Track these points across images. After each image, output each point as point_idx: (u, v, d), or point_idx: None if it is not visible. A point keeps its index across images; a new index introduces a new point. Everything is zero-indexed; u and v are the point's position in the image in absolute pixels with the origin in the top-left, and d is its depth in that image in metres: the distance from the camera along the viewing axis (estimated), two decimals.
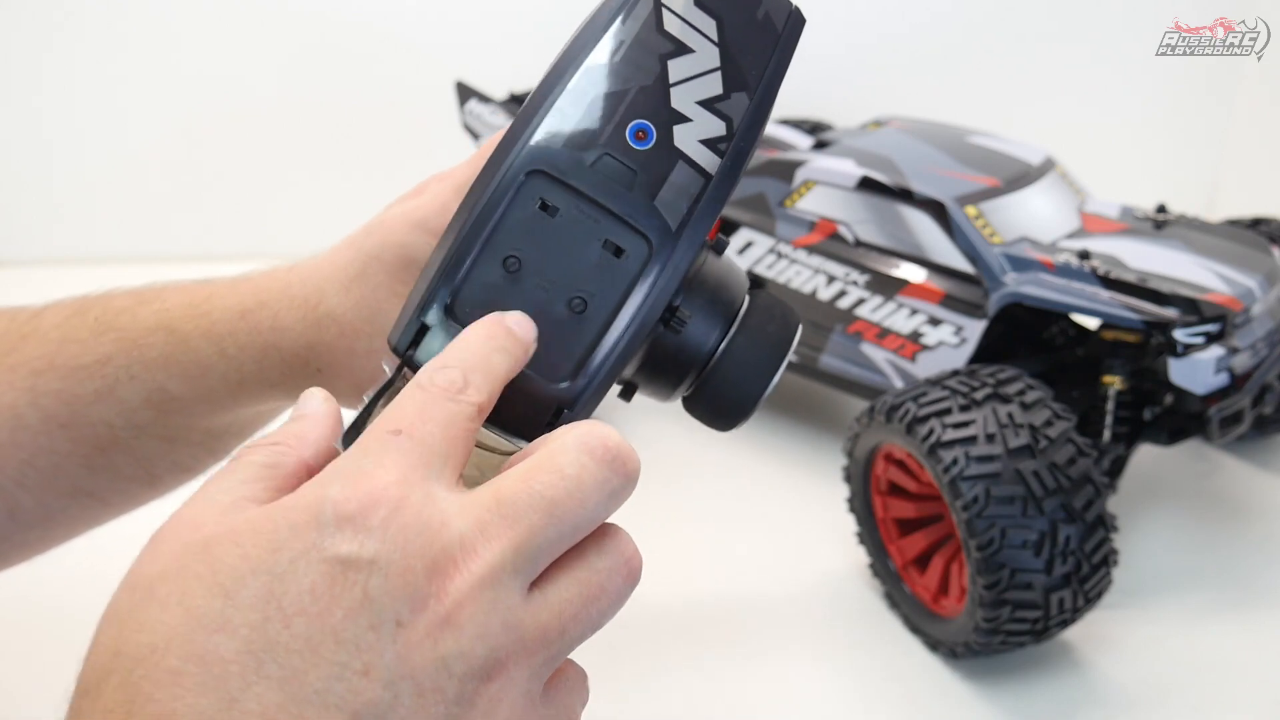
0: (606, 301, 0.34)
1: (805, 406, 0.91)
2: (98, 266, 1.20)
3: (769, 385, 0.38)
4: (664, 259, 0.35)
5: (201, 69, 1.17)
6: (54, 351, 0.45)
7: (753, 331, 0.38)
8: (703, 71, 0.36)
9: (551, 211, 0.34)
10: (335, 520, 0.25)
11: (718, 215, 0.36)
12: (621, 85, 0.35)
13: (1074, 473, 0.57)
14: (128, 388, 0.44)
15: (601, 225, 0.35)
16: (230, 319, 0.45)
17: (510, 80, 0.99)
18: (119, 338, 0.45)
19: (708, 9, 0.36)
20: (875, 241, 0.77)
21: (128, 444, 0.45)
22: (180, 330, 0.45)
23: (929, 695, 0.61)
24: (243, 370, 0.44)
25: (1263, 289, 0.70)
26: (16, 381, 0.45)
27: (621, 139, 0.35)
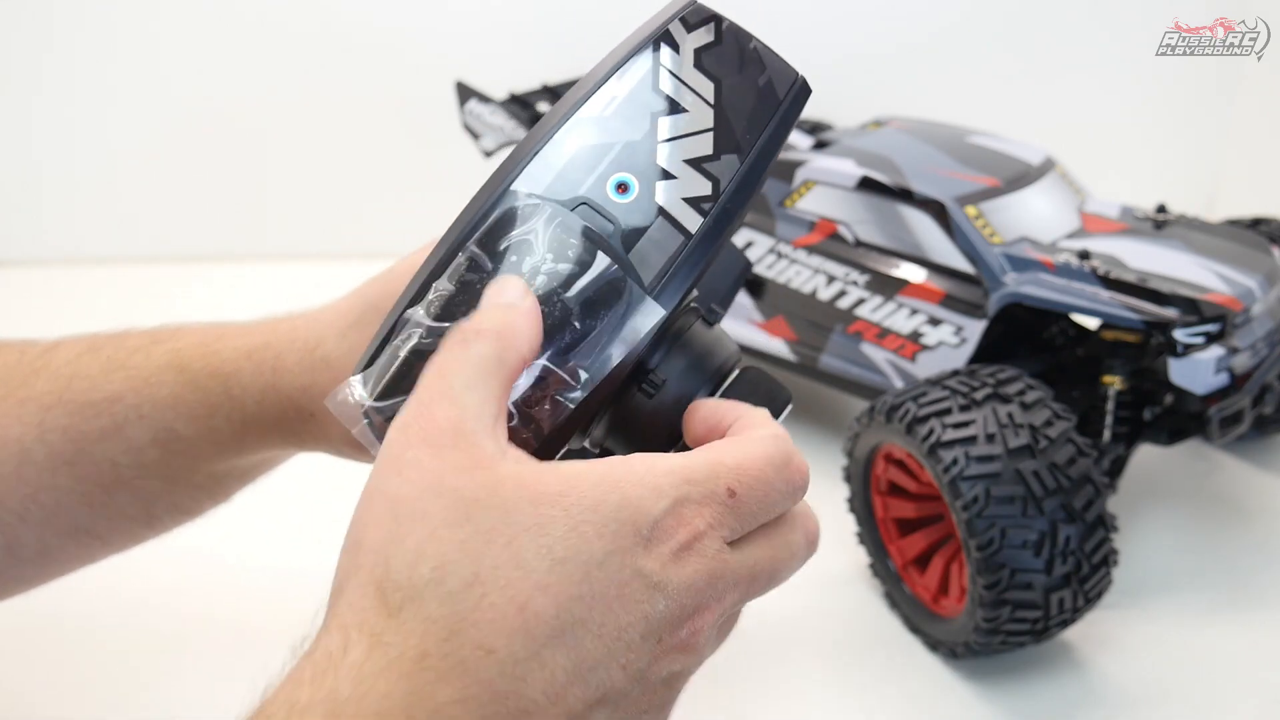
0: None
1: (805, 406, 0.91)
2: (97, 266, 1.20)
3: None
4: (631, 314, 0.34)
5: (201, 69, 1.17)
6: (64, 387, 0.45)
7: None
8: (694, 131, 0.36)
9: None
10: (654, 538, 0.30)
11: (697, 275, 0.36)
12: (609, 138, 0.35)
13: (1074, 473, 0.57)
14: (136, 427, 0.45)
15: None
16: (238, 358, 0.45)
17: (510, 80, 1.00)
18: (130, 376, 0.45)
19: (706, 71, 0.36)
20: (875, 241, 0.77)
21: (131, 483, 0.46)
22: (190, 369, 0.45)
23: (929, 695, 0.61)
24: (245, 410, 0.45)
25: (1263, 289, 0.69)
26: (25, 416, 0.45)
27: (602, 190, 0.35)
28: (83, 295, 1.14)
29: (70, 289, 1.16)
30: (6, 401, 0.45)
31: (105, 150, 1.19)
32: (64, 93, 1.17)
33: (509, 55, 1.16)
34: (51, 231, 1.22)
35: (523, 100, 0.97)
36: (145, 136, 1.19)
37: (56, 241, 1.22)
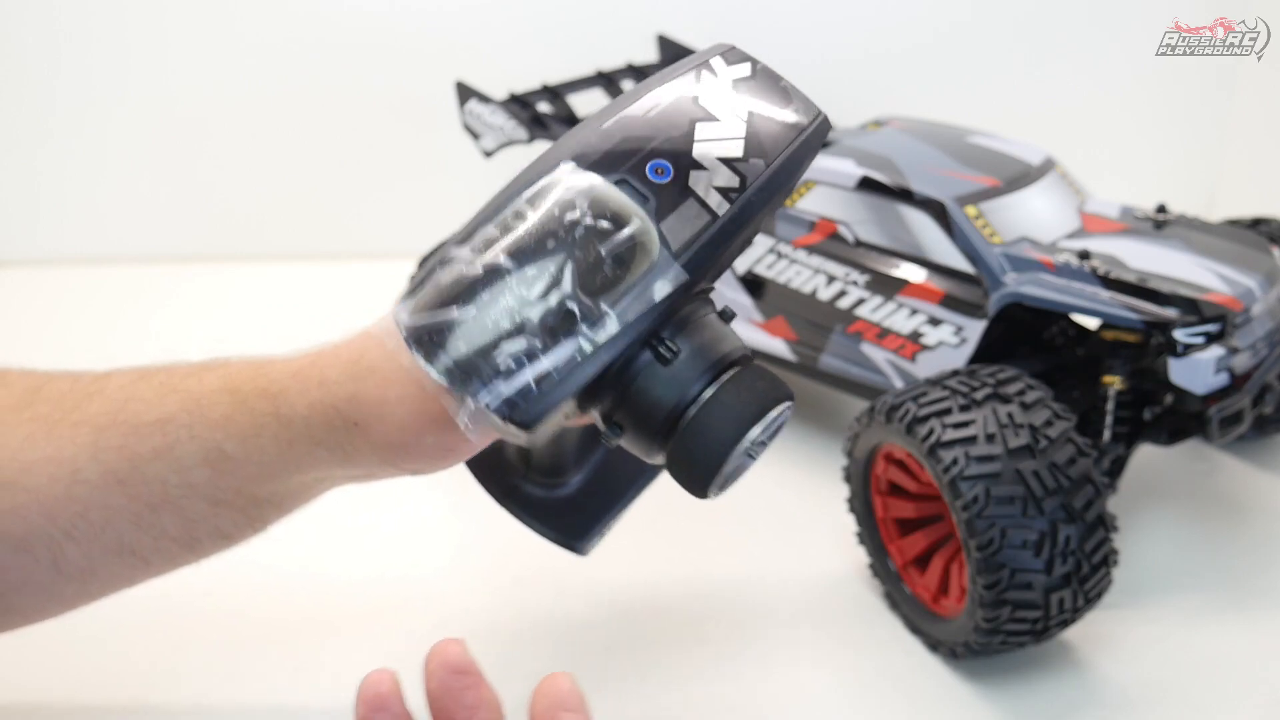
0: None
1: (805, 406, 0.91)
2: (98, 266, 1.20)
3: (744, 436, 0.39)
4: (657, 275, 0.38)
5: (201, 69, 1.17)
6: (119, 409, 0.47)
7: (738, 389, 0.39)
8: (727, 137, 0.41)
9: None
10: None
11: (719, 256, 0.39)
12: (651, 133, 0.40)
13: (1074, 473, 0.57)
14: (187, 446, 0.46)
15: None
16: (284, 378, 0.47)
17: (510, 80, 0.99)
18: (183, 398, 0.47)
19: (741, 95, 0.42)
20: (875, 241, 0.77)
21: (177, 503, 0.47)
22: (241, 391, 0.47)
23: (929, 695, 0.61)
24: (293, 428, 0.46)
25: (1263, 289, 0.70)
26: (79, 437, 0.46)
27: (641, 171, 0.39)
28: (83, 295, 1.15)
29: (70, 289, 1.16)
30: (61, 424, 0.47)
31: (105, 150, 1.19)
32: (63, 93, 1.17)
33: (509, 55, 1.16)
34: (51, 231, 1.22)
35: (523, 100, 0.97)
36: (145, 137, 1.19)
37: (56, 241, 1.22)
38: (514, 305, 0.38)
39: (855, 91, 1.19)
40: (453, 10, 1.16)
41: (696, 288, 0.40)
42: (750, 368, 0.40)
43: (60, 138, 1.19)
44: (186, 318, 1.08)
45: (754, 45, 1.33)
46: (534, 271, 0.38)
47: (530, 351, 0.38)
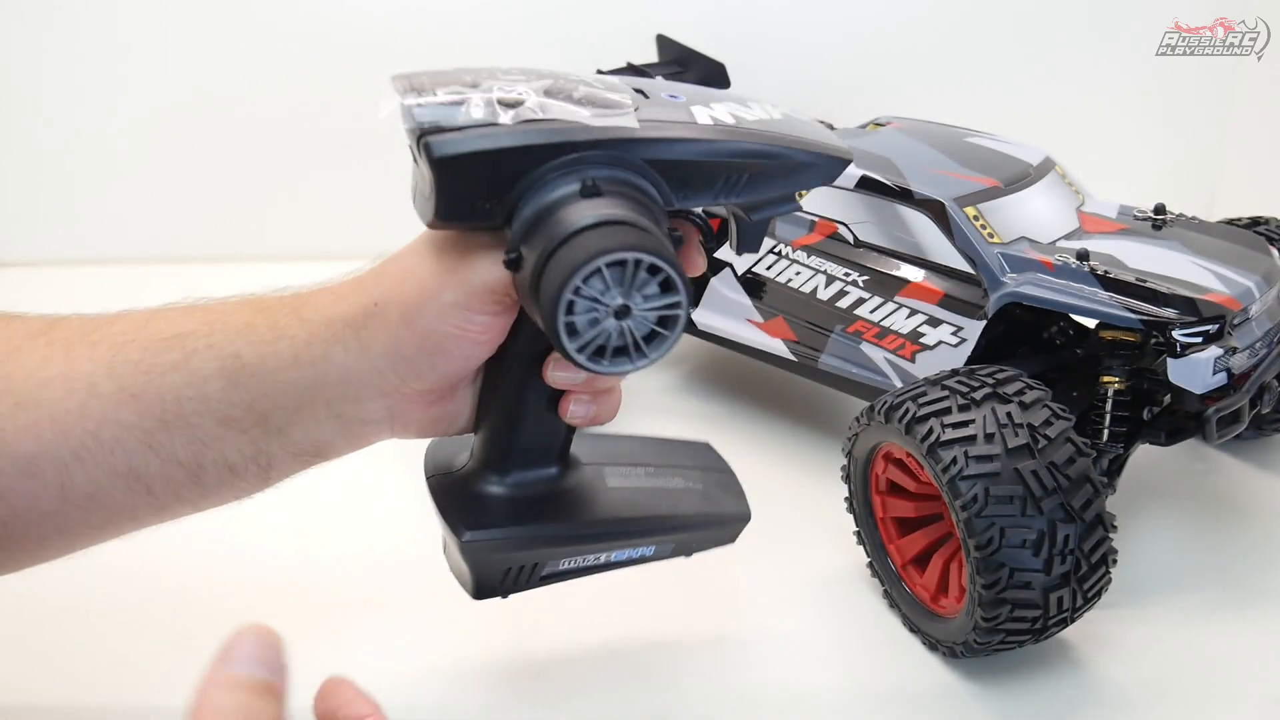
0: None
1: (805, 406, 0.91)
2: (98, 267, 1.20)
3: (579, 269, 0.41)
4: (614, 115, 0.45)
5: (200, 69, 1.17)
6: (139, 328, 0.48)
7: (602, 230, 0.42)
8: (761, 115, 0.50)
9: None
10: None
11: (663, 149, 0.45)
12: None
13: (1073, 472, 0.57)
14: (204, 356, 0.47)
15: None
16: (309, 289, 0.50)
17: None
18: (206, 314, 0.49)
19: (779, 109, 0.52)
20: (875, 242, 0.77)
21: (188, 420, 0.47)
22: (265, 302, 0.49)
23: (928, 695, 0.61)
24: (311, 326, 0.48)
25: (1261, 289, 0.70)
26: (96, 355, 0.47)
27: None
28: (83, 295, 1.14)
29: (70, 289, 1.16)
30: (79, 345, 0.47)
31: (105, 151, 1.19)
32: (64, 93, 1.17)
33: (509, 55, 1.16)
34: (52, 232, 1.22)
35: None
36: (145, 137, 1.19)
37: (58, 242, 1.22)
38: (485, 75, 0.45)
39: (855, 91, 1.20)
40: (453, 10, 1.16)
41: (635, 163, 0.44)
42: (631, 226, 0.42)
43: (61, 139, 1.19)
44: None
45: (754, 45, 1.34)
46: (517, 74, 0.46)
47: (472, 99, 0.44)
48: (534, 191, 0.43)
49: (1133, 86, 1.23)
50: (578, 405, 0.50)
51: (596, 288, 0.41)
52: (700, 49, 1.06)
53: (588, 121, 0.44)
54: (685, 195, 0.46)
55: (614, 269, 0.41)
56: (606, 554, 0.53)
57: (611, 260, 0.41)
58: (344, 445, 0.50)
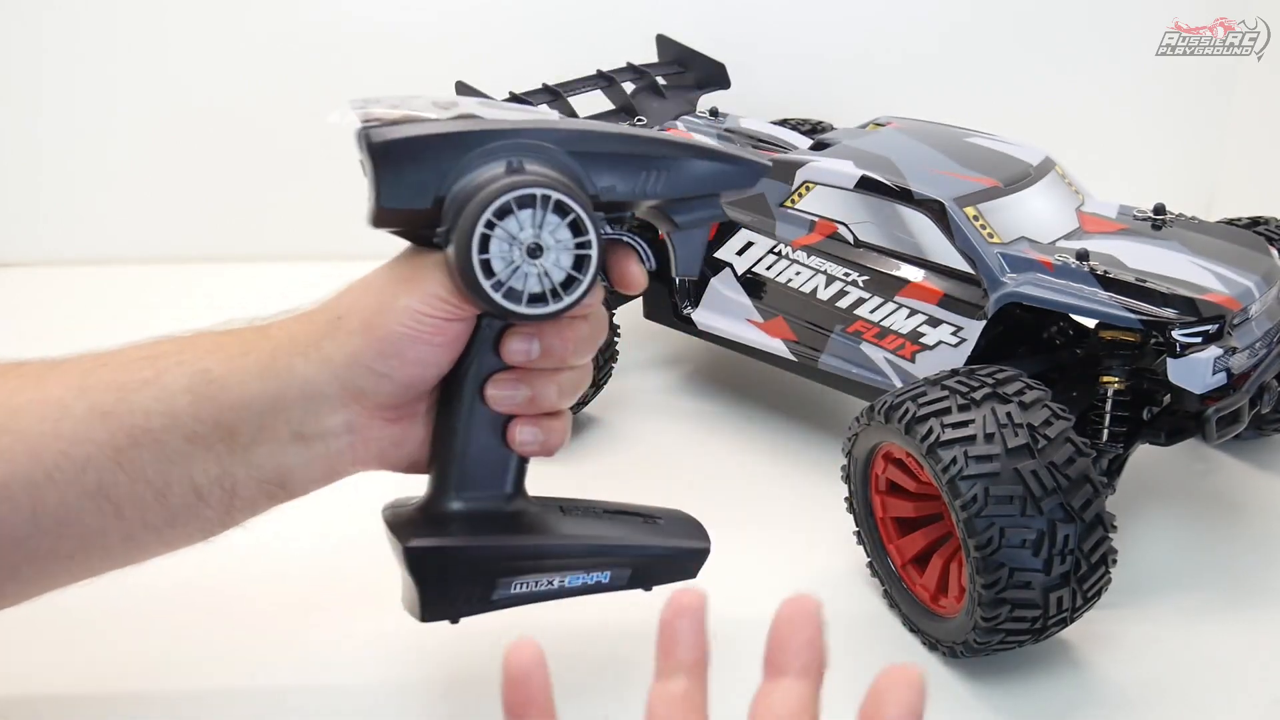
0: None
1: (805, 406, 0.91)
2: (98, 267, 1.20)
3: (485, 209, 0.44)
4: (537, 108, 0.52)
5: (200, 70, 1.17)
6: (110, 355, 0.50)
7: (506, 176, 0.46)
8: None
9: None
10: None
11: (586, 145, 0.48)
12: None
13: (1072, 472, 0.57)
14: (174, 372, 0.49)
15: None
16: (277, 316, 0.52)
17: (510, 80, 1.00)
18: (177, 339, 0.51)
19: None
20: (875, 242, 0.77)
21: (156, 438, 0.48)
22: (234, 326, 0.52)
23: (928, 695, 0.61)
24: (276, 344, 0.50)
25: (1261, 289, 0.70)
26: (68, 380, 0.48)
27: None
28: (83, 295, 1.15)
29: (70, 289, 1.16)
30: (50, 374, 0.49)
31: (105, 151, 1.19)
32: (64, 94, 1.17)
33: (509, 55, 1.16)
34: (51, 232, 1.22)
35: (523, 100, 0.97)
36: (145, 138, 1.19)
37: (56, 242, 1.22)
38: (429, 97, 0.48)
39: (855, 92, 1.20)
40: (453, 10, 1.16)
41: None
42: (543, 175, 0.46)
43: (61, 140, 1.19)
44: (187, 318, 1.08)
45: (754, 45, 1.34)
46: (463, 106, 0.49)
47: (410, 102, 0.48)
48: (461, 176, 0.46)
49: (1133, 86, 1.23)
50: (524, 430, 0.52)
51: (510, 227, 0.43)
52: (700, 49, 1.06)
53: (512, 115, 0.47)
54: (609, 188, 0.49)
55: (524, 207, 0.44)
56: (560, 578, 0.52)
57: (520, 196, 0.44)
58: (307, 473, 0.51)
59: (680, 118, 0.98)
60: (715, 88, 1.05)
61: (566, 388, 0.53)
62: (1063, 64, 1.22)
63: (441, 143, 0.46)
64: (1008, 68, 1.22)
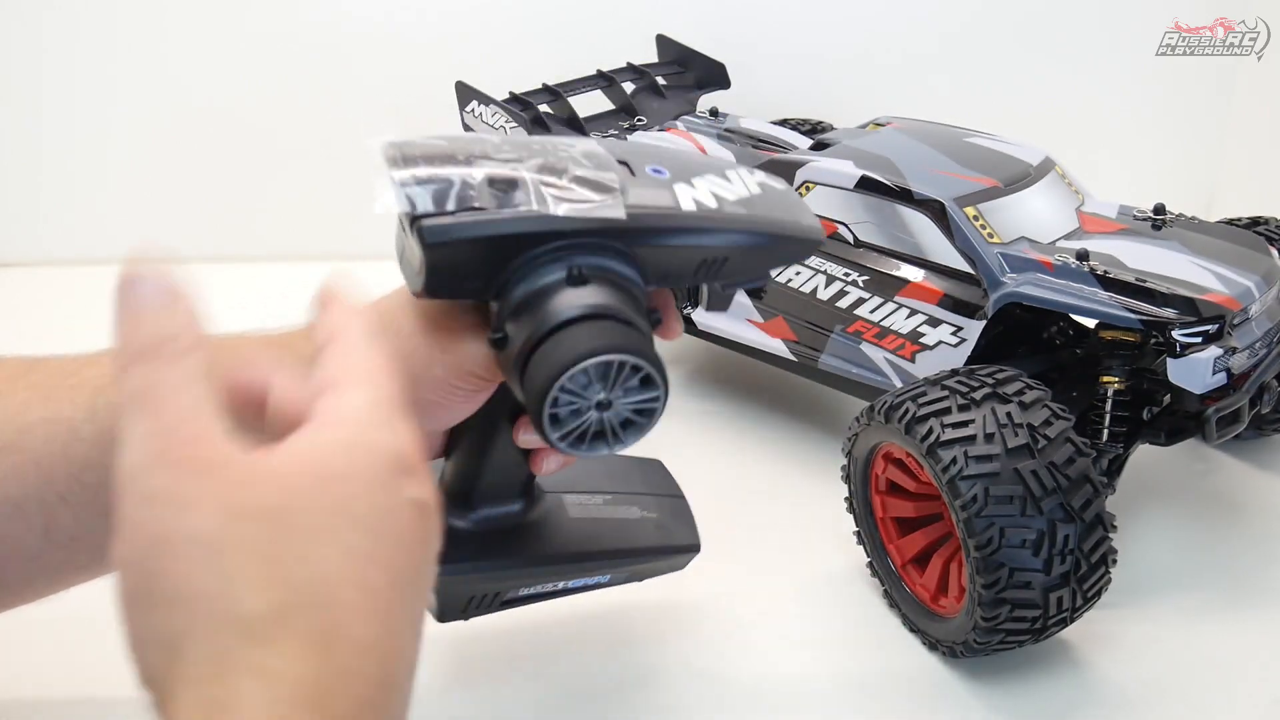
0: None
1: (805, 406, 0.91)
2: (98, 267, 1.20)
3: (570, 367, 0.42)
4: (603, 207, 0.46)
5: (200, 70, 1.17)
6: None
7: (589, 326, 0.43)
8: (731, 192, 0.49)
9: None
10: (408, 470, 0.32)
11: (659, 238, 0.46)
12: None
13: (1072, 472, 0.57)
14: None
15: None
16: (295, 332, 0.51)
17: (510, 80, 1.00)
18: None
19: (761, 185, 0.50)
20: (875, 242, 0.77)
21: None
22: (254, 334, 0.51)
23: (928, 695, 0.62)
24: (281, 349, 0.49)
25: (1261, 289, 0.70)
26: (77, 399, 0.47)
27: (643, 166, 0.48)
28: (83, 295, 1.14)
29: (70, 289, 1.16)
30: (59, 389, 0.48)
31: (105, 151, 1.19)
32: (64, 94, 1.17)
33: (509, 55, 1.17)
34: (52, 232, 1.22)
35: (523, 100, 0.98)
36: (145, 138, 1.19)
37: (56, 242, 1.22)
38: (478, 151, 0.45)
39: (855, 92, 1.20)
40: (453, 10, 1.16)
41: (624, 248, 0.45)
42: (616, 322, 0.43)
43: (61, 139, 1.19)
44: None
45: (754, 45, 1.34)
46: (509, 148, 0.45)
47: (465, 180, 0.43)
48: (521, 275, 0.44)
49: (1133, 86, 1.23)
50: (551, 461, 0.53)
51: (580, 383, 0.42)
52: (700, 49, 1.06)
53: (579, 212, 0.44)
54: (664, 279, 0.47)
55: (600, 369, 0.42)
56: (565, 582, 0.56)
57: (601, 362, 0.42)
58: None
59: (680, 118, 0.98)
60: (715, 88, 1.05)
61: None
62: (1063, 64, 1.22)
63: (501, 244, 0.44)
64: (1008, 68, 1.22)
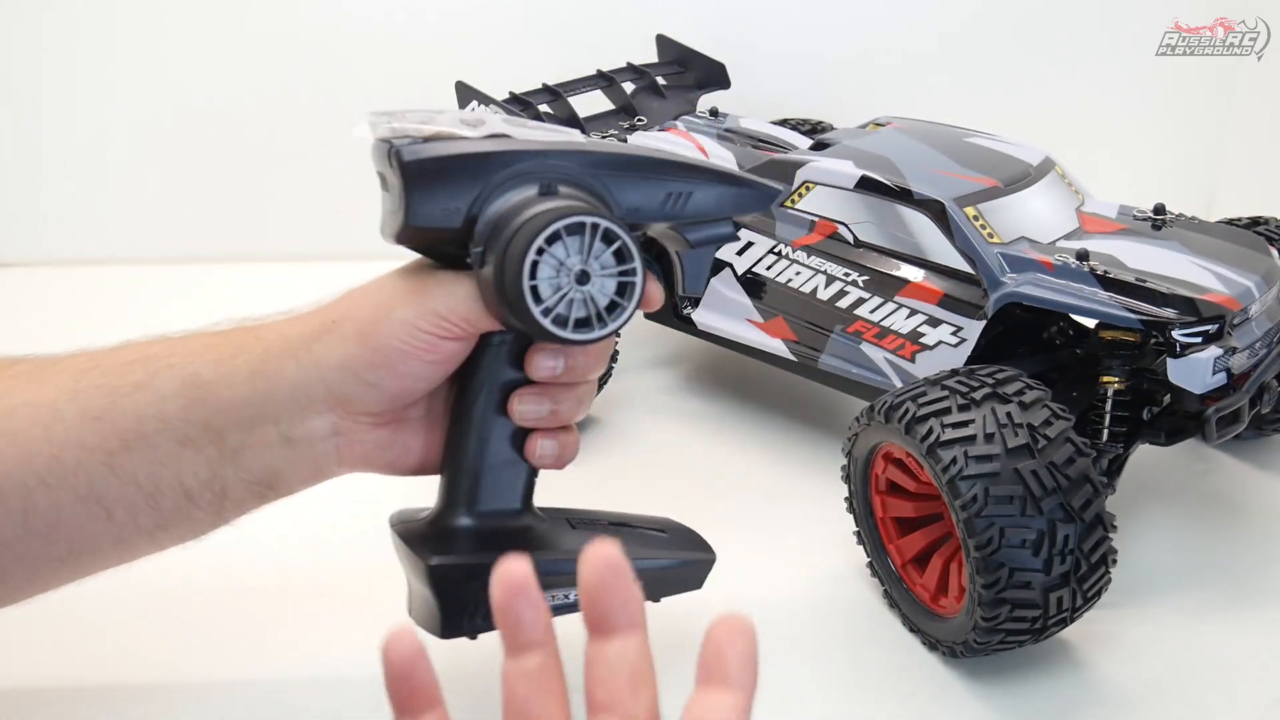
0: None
1: (805, 406, 0.91)
2: (98, 267, 1.20)
3: (535, 239, 0.44)
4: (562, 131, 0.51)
5: (200, 70, 1.17)
6: (102, 357, 0.50)
7: (545, 209, 0.46)
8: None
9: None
10: None
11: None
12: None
13: (1072, 472, 0.57)
14: (165, 375, 0.49)
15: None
16: (266, 317, 0.52)
17: (510, 80, 1.00)
18: (168, 340, 0.51)
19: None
20: (875, 242, 0.77)
21: (148, 441, 0.48)
22: (225, 328, 0.52)
23: (928, 695, 0.62)
24: (267, 346, 0.50)
25: (1261, 289, 0.70)
26: (61, 382, 0.49)
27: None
28: (83, 295, 1.15)
29: (70, 289, 1.16)
30: (44, 374, 0.49)
31: (105, 151, 1.19)
32: (63, 94, 1.17)
33: (509, 55, 1.17)
34: (52, 232, 1.22)
35: (523, 100, 0.98)
36: (145, 138, 1.19)
37: (56, 242, 1.22)
38: (452, 112, 0.47)
39: (855, 92, 1.20)
40: (453, 10, 1.16)
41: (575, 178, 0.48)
42: (578, 205, 0.46)
43: (61, 139, 1.19)
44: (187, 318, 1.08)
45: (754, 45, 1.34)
46: (474, 112, 0.48)
47: (439, 118, 0.46)
48: (495, 197, 0.46)
49: (1133, 86, 1.22)
50: (544, 444, 0.53)
51: (558, 254, 0.44)
52: (700, 49, 1.06)
53: (544, 136, 0.48)
54: (634, 209, 0.50)
55: (573, 235, 0.44)
56: (574, 592, 0.51)
57: (570, 223, 0.44)
58: (294, 474, 0.52)
59: (680, 118, 0.98)
60: (715, 88, 1.05)
61: (584, 400, 0.54)
62: (1063, 64, 1.22)
63: (476, 162, 0.46)
64: (1008, 68, 1.22)
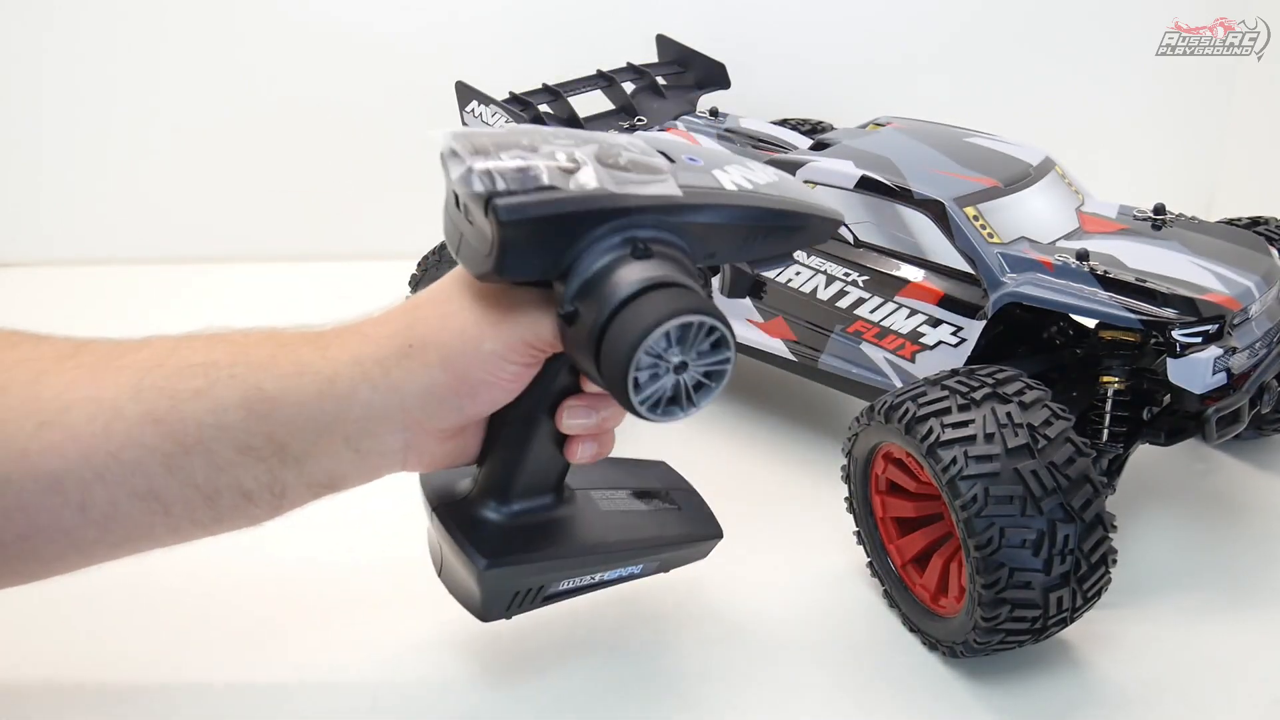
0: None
1: (805, 406, 0.91)
2: (99, 267, 1.20)
3: (649, 335, 0.44)
4: (658, 183, 0.49)
5: (202, 71, 1.17)
6: (165, 356, 0.49)
7: (657, 295, 0.45)
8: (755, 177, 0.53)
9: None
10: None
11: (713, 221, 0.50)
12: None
13: (1072, 472, 0.57)
14: (226, 385, 0.48)
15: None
16: (333, 329, 0.51)
17: (510, 80, 1.00)
18: (230, 346, 0.50)
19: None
20: (875, 242, 0.78)
21: (208, 445, 0.48)
22: (287, 337, 0.51)
23: (928, 695, 0.62)
24: (337, 368, 0.49)
25: (1261, 289, 0.70)
26: (123, 380, 0.48)
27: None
28: (83, 296, 1.15)
29: (70, 289, 1.16)
30: (106, 370, 0.49)
31: (105, 151, 1.20)
32: (65, 94, 1.17)
33: (509, 55, 1.17)
34: (52, 232, 1.22)
35: (523, 100, 0.98)
36: (144, 138, 1.19)
37: (57, 242, 1.22)
38: (540, 139, 0.47)
39: (856, 92, 1.20)
40: (453, 11, 1.16)
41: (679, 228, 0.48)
42: (685, 289, 0.46)
43: (61, 139, 1.19)
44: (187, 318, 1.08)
45: (754, 45, 1.34)
46: (565, 138, 0.48)
47: (536, 165, 0.45)
48: (588, 252, 0.46)
49: (1133, 86, 1.23)
50: (586, 446, 0.54)
51: (661, 346, 0.44)
52: (700, 49, 1.06)
53: (639, 190, 0.47)
54: (711, 254, 0.50)
55: (679, 331, 0.45)
56: (601, 574, 0.57)
57: (680, 324, 0.44)
58: (357, 477, 0.52)
59: (680, 118, 0.98)
60: (715, 88, 1.05)
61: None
62: (1063, 64, 1.22)
63: (571, 221, 0.46)
64: (1008, 68, 1.22)
